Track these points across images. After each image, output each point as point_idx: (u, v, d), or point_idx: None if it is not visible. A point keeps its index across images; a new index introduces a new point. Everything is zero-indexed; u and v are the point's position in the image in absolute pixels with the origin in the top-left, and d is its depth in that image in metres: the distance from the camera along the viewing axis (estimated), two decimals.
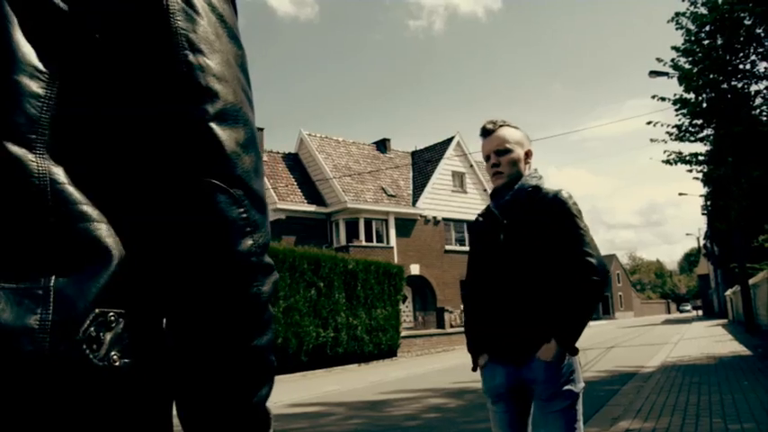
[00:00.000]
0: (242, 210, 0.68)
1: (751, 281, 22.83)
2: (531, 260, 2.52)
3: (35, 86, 0.61)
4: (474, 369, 2.73)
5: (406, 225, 34.00)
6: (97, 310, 0.61)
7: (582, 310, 2.49)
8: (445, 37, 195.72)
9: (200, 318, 0.67)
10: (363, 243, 31.58)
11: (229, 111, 0.69)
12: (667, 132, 13.83)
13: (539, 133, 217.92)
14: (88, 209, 0.62)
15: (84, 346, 0.59)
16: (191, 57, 0.68)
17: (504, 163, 2.65)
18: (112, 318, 0.62)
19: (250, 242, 0.68)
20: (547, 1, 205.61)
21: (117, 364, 0.61)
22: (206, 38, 0.69)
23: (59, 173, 0.61)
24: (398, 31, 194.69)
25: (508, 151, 2.65)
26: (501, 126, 2.70)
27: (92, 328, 0.60)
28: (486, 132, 2.72)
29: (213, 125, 0.67)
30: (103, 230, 0.63)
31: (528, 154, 2.71)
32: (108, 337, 0.61)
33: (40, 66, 0.62)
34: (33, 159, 0.60)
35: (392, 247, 32.85)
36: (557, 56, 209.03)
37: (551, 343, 2.45)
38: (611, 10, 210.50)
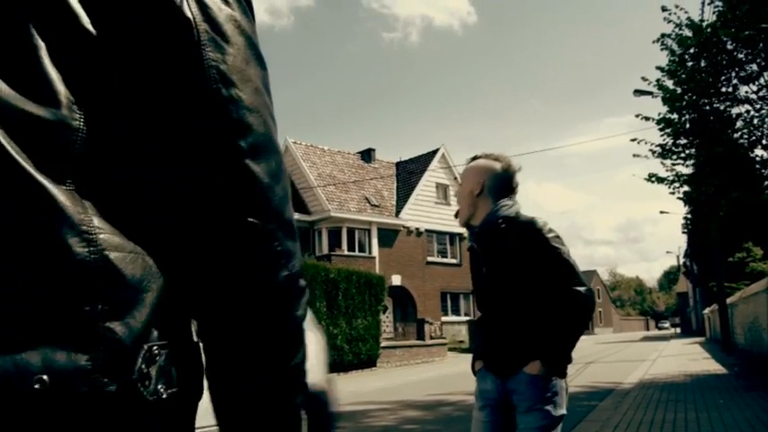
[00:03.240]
0: (276, 243, 0.68)
1: (729, 300, 23.02)
2: (513, 287, 2.59)
3: (64, 116, 0.59)
4: (474, 373, 2.81)
5: (388, 235, 34.00)
6: (145, 346, 0.61)
7: (571, 335, 2.57)
8: (422, 49, 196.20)
9: (245, 348, 0.69)
10: (346, 252, 31.53)
11: (261, 143, 0.68)
12: (651, 150, 13.98)
13: (517, 148, 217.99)
14: (124, 243, 0.61)
15: (139, 384, 0.59)
16: (223, 90, 0.65)
17: (458, 202, 2.81)
18: (156, 351, 0.62)
19: (285, 273, 0.69)
20: (522, 18, 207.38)
21: (165, 396, 0.62)
22: (236, 67, 0.67)
23: (90, 207, 0.59)
24: (375, 43, 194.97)
25: (461, 192, 2.80)
26: (466, 166, 2.85)
27: (143, 365, 0.60)
28: None
29: (248, 161, 0.66)
30: (139, 263, 0.62)
31: (483, 185, 2.70)
32: (154, 371, 0.61)
33: (69, 94, 0.60)
34: (63, 195, 0.58)
35: (374, 257, 32.83)
36: (533, 72, 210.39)
37: (537, 362, 2.50)
38: (587, 29, 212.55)
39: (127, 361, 0.59)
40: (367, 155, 38.16)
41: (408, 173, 37.55)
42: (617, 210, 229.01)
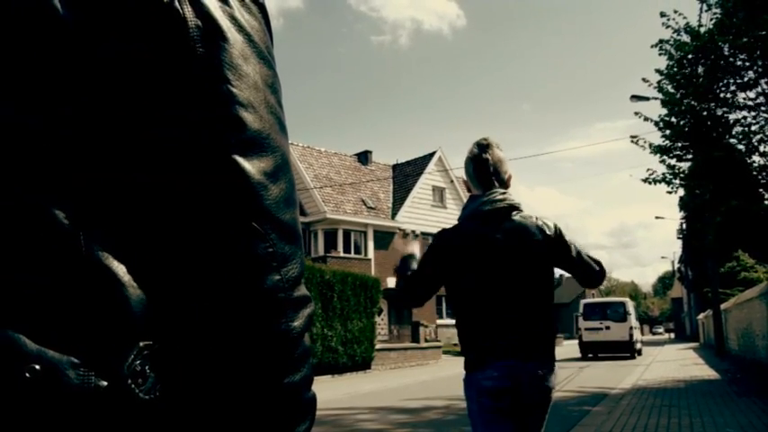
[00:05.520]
0: (267, 244, 0.65)
1: (723, 306, 23.07)
2: None
3: (48, 121, 0.60)
4: None
5: (384, 238, 34.00)
6: (141, 344, 0.60)
7: None
8: (412, 53, 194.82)
9: (228, 359, 0.64)
10: (341, 254, 31.54)
11: (255, 139, 0.66)
12: (649, 144, 14.00)
13: (510, 153, 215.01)
14: (112, 243, 0.61)
15: (130, 381, 0.58)
16: (214, 85, 0.64)
17: None
18: (153, 350, 0.61)
19: (277, 278, 0.66)
20: (511, 22, 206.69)
21: (164, 397, 0.61)
22: (231, 62, 0.66)
23: (77, 210, 0.60)
24: (365, 46, 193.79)
25: None
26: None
27: (137, 362, 0.59)
28: None
29: (237, 157, 0.64)
30: (129, 263, 0.62)
31: (465, 182, 2.86)
32: (150, 369, 0.60)
33: (48, 99, 0.60)
34: (58, 205, 0.59)
35: (370, 260, 32.84)
36: (523, 77, 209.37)
37: None
38: (577, 34, 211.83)
39: (117, 356, 0.58)
40: (363, 157, 38.18)
41: (405, 175, 37.59)
42: (610, 214, 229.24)
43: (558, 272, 2.81)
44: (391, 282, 32.85)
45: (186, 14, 0.64)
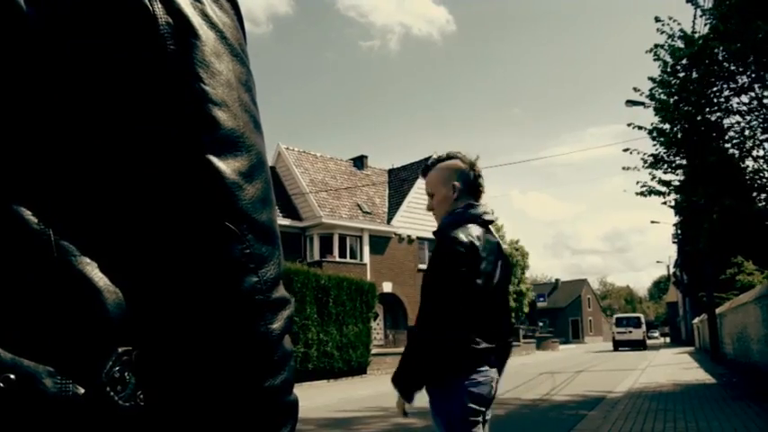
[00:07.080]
0: (244, 245, 0.64)
1: (718, 310, 23.09)
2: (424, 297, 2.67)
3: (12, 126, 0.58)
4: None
5: (380, 242, 34.00)
6: (120, 350, 0.59)
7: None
8: (402, 58, 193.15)
9: (206, 362, 0.63)
10: (337, 259, 31.51)
11: (229, 138, 0.65)
12: (642, 160, 14.05)
13: (501, 158, 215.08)
14: (84, 246, 0.59)
15: (108, 389, 0.57)
16: (185, 83, 0.63)
17: (433, 206, 2.82)
18: (132, 355, 0.60)
19: (254, 279, 0.65)
20: (500, 26, 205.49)
21: (144, 403, 0.60)
22: (203, 60, 0.65)
23: (49, 214, 0.58)
24: (354, 51, 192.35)
25: (432, 195, 2.81)
26: (430, 169, 2.83)
27: (115, 369, 0.58)
28: (422, 174, 2.89)
29: (211, 157, 0.63)
30: (104, 267, 0.60)
31: (454, 188, 2.74)
32: (129, 376, 0.59)
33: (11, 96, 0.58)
34: (30, 211, 0.57)
35: (365, 264, 32.81)
36: (514, 81, 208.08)
37: None
38: (567, 39, 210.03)
39: (95, 363, 0.57)
40: (359, 162, 38.20)
41: (400, 180, 37.61)
42: (603, 219, 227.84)
43: (554, 276, 2.88)
44: (387, 286, 32.88)
45: (156, 11, 0.63)
